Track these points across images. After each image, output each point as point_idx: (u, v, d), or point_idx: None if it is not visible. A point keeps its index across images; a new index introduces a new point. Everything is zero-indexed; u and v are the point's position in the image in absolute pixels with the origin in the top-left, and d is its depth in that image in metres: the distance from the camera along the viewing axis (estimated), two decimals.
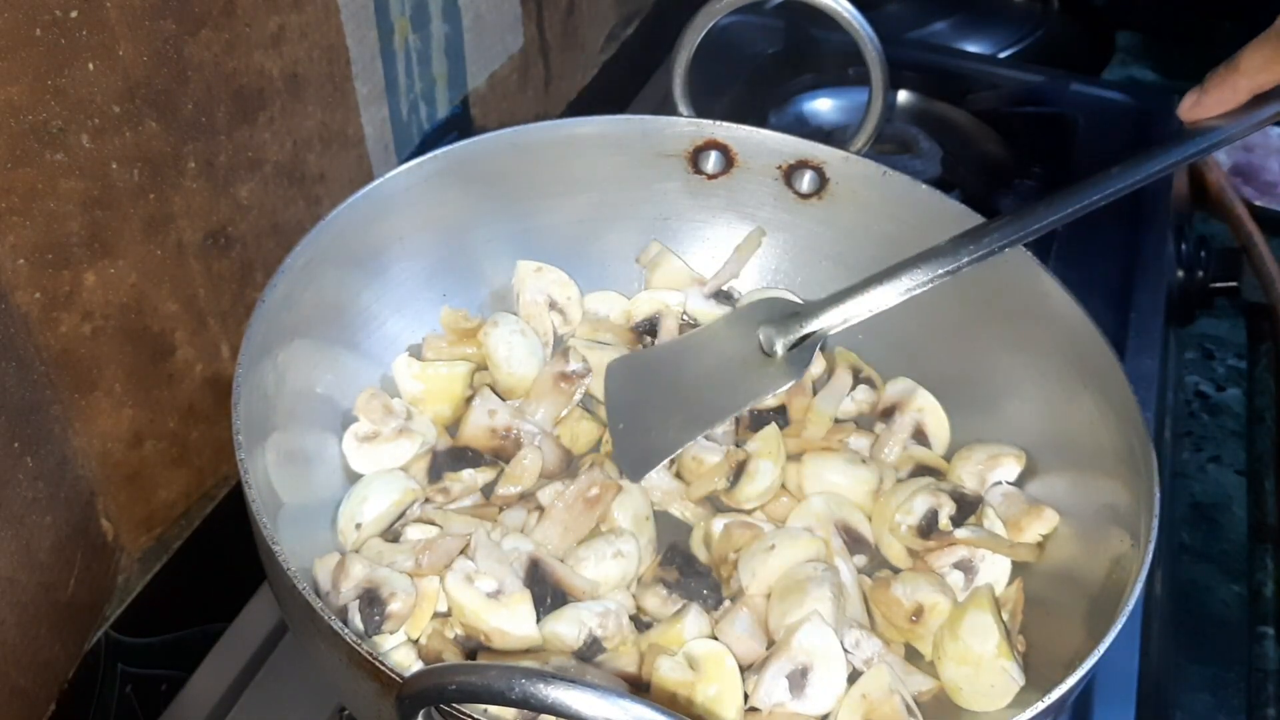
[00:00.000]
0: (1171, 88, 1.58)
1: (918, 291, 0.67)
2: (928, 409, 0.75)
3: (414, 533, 0.66)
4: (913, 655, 0.66)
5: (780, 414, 0.76)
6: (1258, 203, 1.37)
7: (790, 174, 0.79)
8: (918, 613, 0.65)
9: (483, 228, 0.78)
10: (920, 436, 0.75)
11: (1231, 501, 1.15)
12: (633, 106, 1.23)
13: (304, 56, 0.78)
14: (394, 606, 0.61)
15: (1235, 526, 1.12)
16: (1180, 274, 1.18)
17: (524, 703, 0.39)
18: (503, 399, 0.74)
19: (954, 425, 0.76)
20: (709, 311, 0.81)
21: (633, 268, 0.83)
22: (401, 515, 0.67)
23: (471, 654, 0.62)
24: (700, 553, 0.70)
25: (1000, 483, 0.71)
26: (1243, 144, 1.46)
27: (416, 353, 0.76)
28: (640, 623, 0.66)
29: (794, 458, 0.73)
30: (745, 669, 0.63)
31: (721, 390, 0.73)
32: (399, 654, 0.62)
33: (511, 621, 0.62)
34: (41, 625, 0.67)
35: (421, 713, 0.44)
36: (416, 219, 0.74)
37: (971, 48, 1.49)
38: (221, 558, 0.77)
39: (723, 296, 0.82)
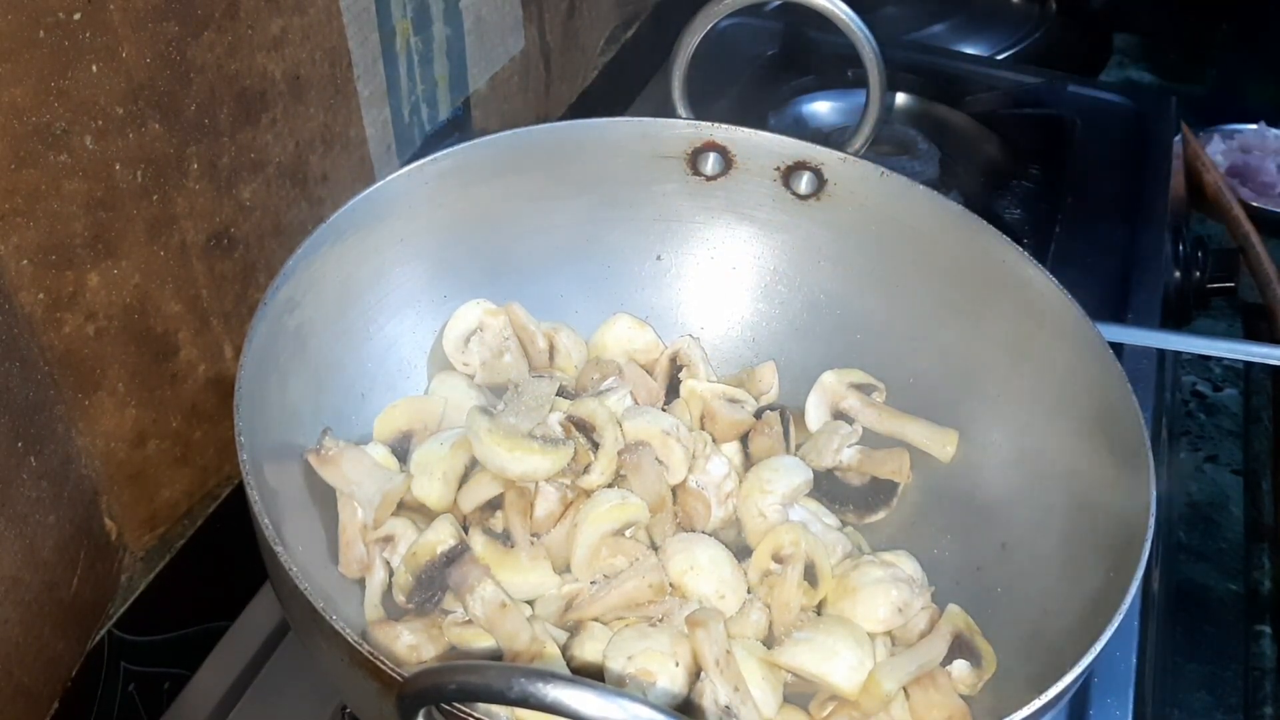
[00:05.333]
0: (1169, 90, 1.59)
1: None
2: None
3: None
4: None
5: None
6: (1255, 203, 1.37)
7: (788, 175, 0.80)
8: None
9: (484, 230, 0.78)
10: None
11: (1228, 501, 1.15)
12: (632, 108, 1.24)
13: (306, 59, 0.78)
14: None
15: (1232, 525, 1.13)
16: (1177, 274, 1.19)
17: (523, 702, 0.39)
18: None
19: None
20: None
21: (632, 267, 0.84)
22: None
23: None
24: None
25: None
26: (1240, 145, 1.46)
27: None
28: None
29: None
30: None
31: None
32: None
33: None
34: (45, 623, 0.67)
35: (422, 712, 0.45)
36: (418, 221, 0.74)
37: (969, 50, 1.49)
38: (224, 557, 0.77)
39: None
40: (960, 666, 0.66)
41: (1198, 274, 1.20)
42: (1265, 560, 1.09)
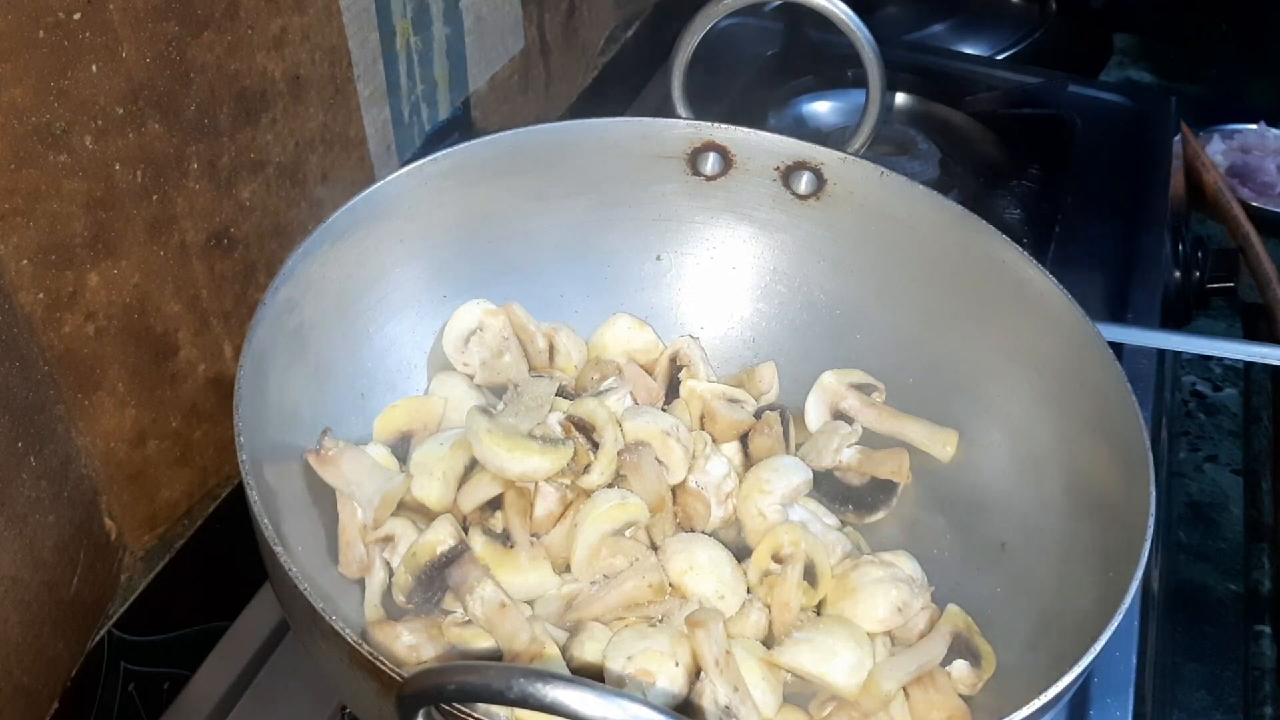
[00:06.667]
0: (1169, 90, 1.59)
1: None
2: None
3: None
4: None
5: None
6: (1254, 203, 1.37)
7: (788, 175, 0.80)
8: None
9: (483, 230, 0.78)
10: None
11: (1228, 501, 1.15)
12: (632, 108, 1.24)
13: (306, 58, 0.78)
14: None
15: (1232, 525, 1.13)
16: (1177, 274, 1.19)
17: (523, 702, 0.39)
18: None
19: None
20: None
21: (632, 268, 0.84)
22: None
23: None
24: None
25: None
26: (1240, 145, 1.46)
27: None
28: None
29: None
30: None
31: None
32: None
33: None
34: (45, 623, 0.67)
35: (422, 712, 0.45)
36: (418, 221, 0.74)
37: (969, 50, 1.49)
38: (224, 557, 0.77)
39: None
40: (960, 666, 0.66)
41: (1197, 274, 1.21)
42: (1265, 560, 1.09)
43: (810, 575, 0.69)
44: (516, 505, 0.68)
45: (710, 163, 0.80)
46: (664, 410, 0.76)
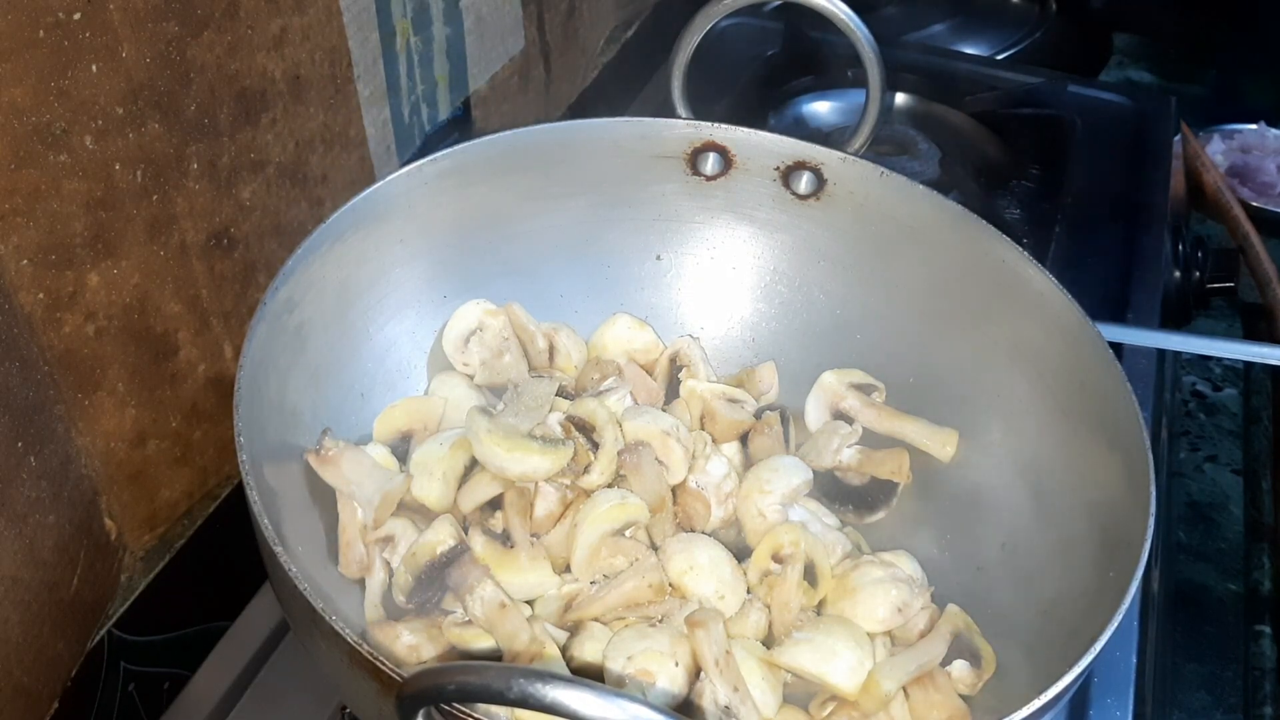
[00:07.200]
0: (1169, 90, 1.59)
1: None
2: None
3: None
4: None
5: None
6: (1255, 203, 1.37)
7: (788, 175, 0.80)
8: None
9: (483, 229, 0.78)
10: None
11: (1228, 501, 1.15)
12: (632, 108, 1.24)
13: (306, 58, 0.78)
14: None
15: (1232, 525, 1.13)
16: (1177, 274, 1.19)
17: (523, 702, 0.39)
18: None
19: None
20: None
21: (632, 268, 0.84)
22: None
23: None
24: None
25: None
26: (1240, 145, 1.46)
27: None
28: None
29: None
30: None
31: None
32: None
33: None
34: (45, 623, 0.67)
35: (421, 712, 0.45)
36: (418, 221, 0.74)
37: (969, 50, 1.49)
38: (224, 557, 0.77)
39: None
40: (960, 666, 0.66)
41: (1198, 274, 1.21)
42: (1265, 560, 1.09)
43: (810, 575, 0.69)
44: (516, 505, 0.68)
45: (710, 163, 0.80)
46: (664, 410, 0.76)
